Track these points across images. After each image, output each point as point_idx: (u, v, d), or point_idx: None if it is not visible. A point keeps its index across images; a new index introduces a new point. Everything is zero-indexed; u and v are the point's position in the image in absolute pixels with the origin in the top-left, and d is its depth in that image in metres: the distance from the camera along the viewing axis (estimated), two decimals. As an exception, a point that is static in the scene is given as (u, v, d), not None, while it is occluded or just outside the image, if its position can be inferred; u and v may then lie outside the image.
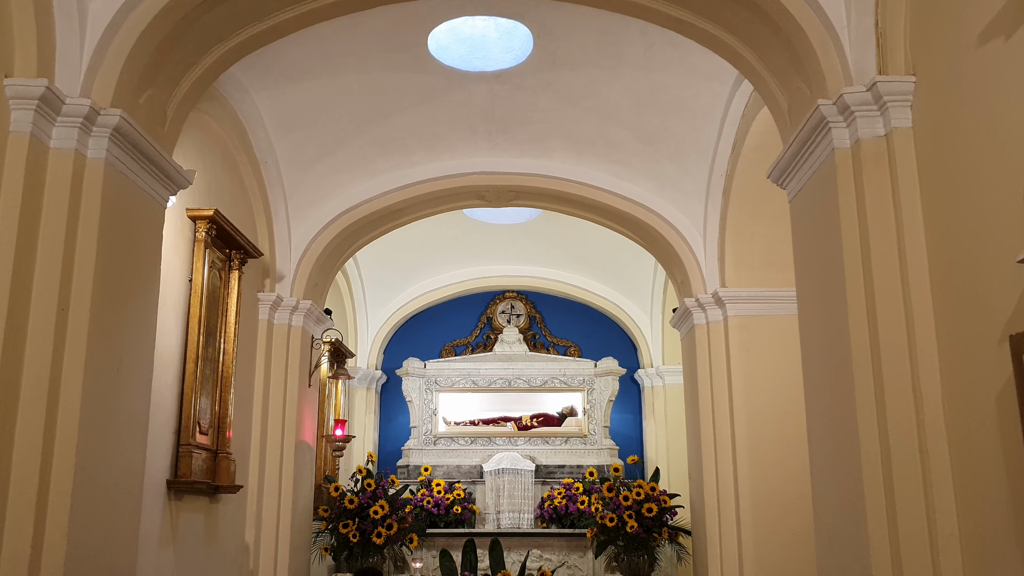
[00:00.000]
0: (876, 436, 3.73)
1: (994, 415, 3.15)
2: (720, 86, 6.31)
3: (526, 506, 10.48)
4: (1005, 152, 3.04)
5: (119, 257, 4.24)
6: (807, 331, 4.53)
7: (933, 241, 3.67)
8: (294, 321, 7.54)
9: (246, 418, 6.92)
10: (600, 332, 12.06)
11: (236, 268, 6.44)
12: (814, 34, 4.13)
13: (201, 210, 5.92)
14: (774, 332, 6.99)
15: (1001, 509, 3.13)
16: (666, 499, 8.23)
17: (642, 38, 5.86)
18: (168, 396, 5.54)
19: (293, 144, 7.01)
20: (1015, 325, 2.94)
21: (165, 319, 5.35)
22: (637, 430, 11.78)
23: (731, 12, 4.44)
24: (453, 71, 6.38)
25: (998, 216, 3.10)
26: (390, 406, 11.91)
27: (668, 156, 7.21)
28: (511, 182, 7.70)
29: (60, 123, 3.99)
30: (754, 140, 6.42)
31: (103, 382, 4.09)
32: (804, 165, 4.42)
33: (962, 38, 3.34)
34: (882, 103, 3.87)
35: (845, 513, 3.95)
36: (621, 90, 6.56)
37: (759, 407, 6.97)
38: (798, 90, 4.42)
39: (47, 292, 3.86)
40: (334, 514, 8.12)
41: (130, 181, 4.35)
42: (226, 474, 6.14)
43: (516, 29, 5.97)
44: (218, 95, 6.07)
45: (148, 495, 4.97)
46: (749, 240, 7.18)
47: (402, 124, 7.03)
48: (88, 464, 3.93)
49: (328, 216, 7.63)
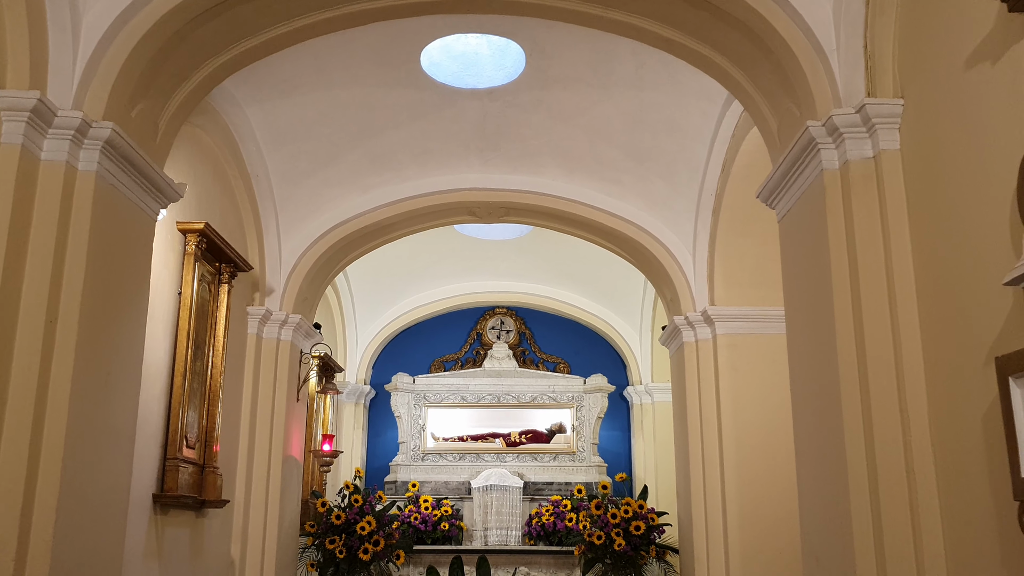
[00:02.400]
0: (863, 456, 3.74)
1: (980, 436, 3.16)
2: (710, 106, 6.36)
3: (514, 523, 10.45)
4: (992, 175, 3.07)
5: (108, 270, 4.23)
6: (795, 351, 4.55)
7: (920, 262, 3.69)
8: (283, 335, 7.52)
9: (233, 432, 6.88)
10: (590, 349, 12.07)
11: (226, 282, 6.43)
12: (804, 56, 4.17)
13: (191, 223, 5.91)
14: (763, 351, 7.01)
15: (987, 530, 3.14)
16: (654, 517, 8.22)
17: (633, 57, 5.91)
18: (155, 409, 5.51)
19: (285, 158, 7.02)
20: (1001, 347, 2.96)
21: (153, 332, 5.33)
22: (626, 447, 11.77)
23: (722, 33, 4.48)
24: (445, 88, 6.40)
25: (985, 238, 3.13)
26: (378, 421, 11.88)
27: (658, 174, 7.25)
28: (502, 198, 7.72)
29: (51, 135, 3.98)
30: (744, 160, 6.47)
31: (90, 395, 4.07)
32: (793, 185, 4.45)
33: (949, 62, 3.38)
34: (871, 125, 3.91)
35: (832, 533, 3.95)
36: (612, 108, 6.60)
37: (747, 426, 6.98)
38: (787, 111, 4.45)
39: (35, 304, 3.84)
40: (321, 530, 8.08)
41: (121, 194, 4.35)
42: (213, 488, 6.11)
43: (508, 47, 6.01)
44: (210, 108, 6.07)
45: (134, 509, 4.94)
46: (738, 259, 7.21)
47: (394, 139, 7.05)
48: (74, 477, 3.90)
49: (319, 230, 7.63)
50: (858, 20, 3.98)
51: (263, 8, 4.51)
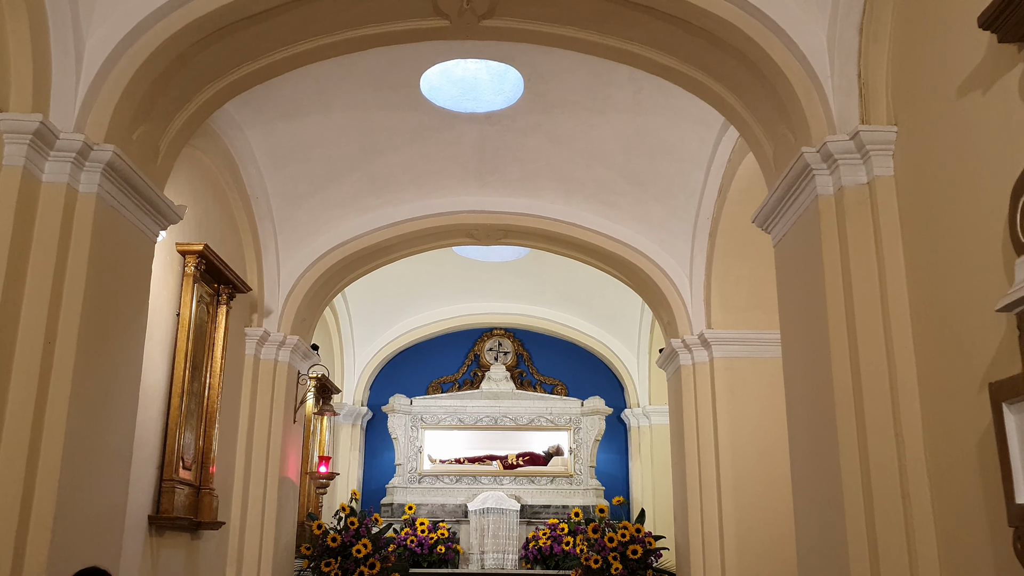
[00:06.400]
0: (859, 481, 3.75)
1: (975, 462, 3.17)
2: (707, 131, 6.41)
3: (510, 546, 10.40)
4: (984, 201, 3.10)
5: (107, 291, 4.25)
6: (791, 374, 4.56)
7: (915, 288, 3.72)
8: (280, 356, 7.52)
9: (230, 454, 6.87)
10: (587, 371, 12.07)
11: (224, 303, 6.44)
12: (798, 83, 4.21)
13: (191, 244, 5.93)
14: (759, 374, 7.02)
15: (982, 556, 3.15)
16: (651, 541, 8.18)
17: (630, 83, 5.96)
18: (152, 430, 5.51)
19: (284, 180, 7.05)
20: (995, 373, 2.98)
21: (151, 353, 5.34)
22: (623, 470, 11.74)
23: (718, 60, 4.53)
24: (445, 112, 6.45)
25: (978, 264, 3.15)
26: (375, 443, 11.85)
27: (656, 198, 7.29)
28: (500, 221, 7.76)
29: (53, 157, 4.02)
30: (740, 184, 6.51)
31: (88, 415, 4.07)
32: (788, 211, 4.48)
33: (942, 90, 3.42)
34: (865, 152, 3.94)
35: (828, 557, 3.95)
36: (610, 133, 6.65)
37: (744, 449, 6.98)
38: (783, 137, 4.49)
39: (34, 325, 3.86)
40: (316, 552, 8.04)
41: (121, 216, 4.37)
42: (208, 510, 6.09)
43: (507, 72, 6.07)
44: (211, 131, 6.12)
45: (129, 530, 4.93)
46: (735, 282, 7.24)
47: (393, 162, 7.10)
48: (70, 498, 3.90)
49: (317, 252, 7.66)
50: (852, 48, 4.03)
51: (264, 33, 4.55)
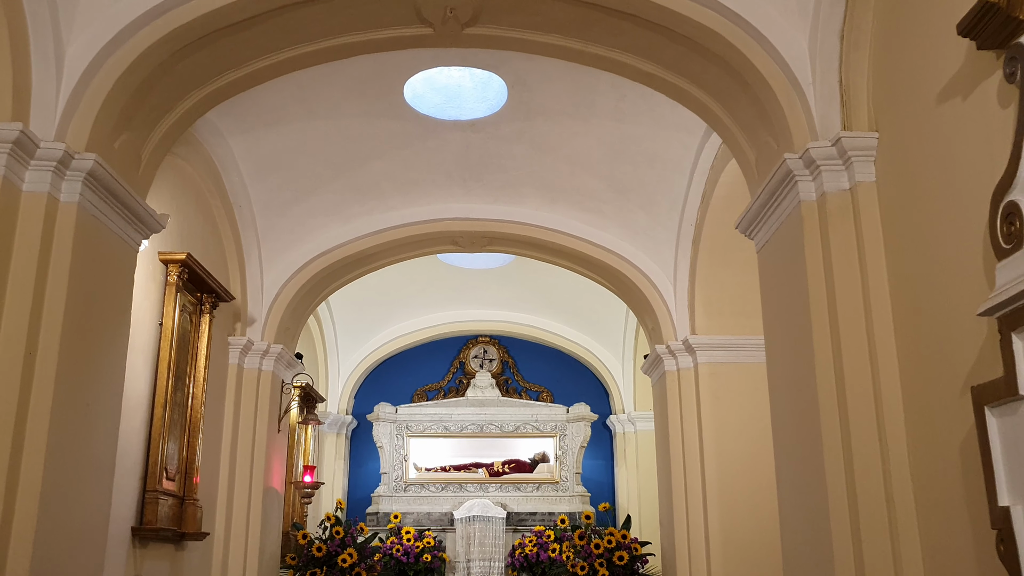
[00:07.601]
0: (844, 484, 3.77)
1: (958, 465, 3.20)
2: (690, 138, 6.44)
3: (497, 554, 10.37)
4: (964, 207, 3.12)
5: (89, 301, 4.21)
6: (775, 380, 4.58)
7: (897, 293, 3.75)
8: (264, 365, 7.48)
9: (214, 464, 6.83)
10: (572, 377, 12.08)
11: (207, 312, 6.41)
12: (781, 90, 4.24)
13: (173, 253, 5.90)
14: (744, 379, 7.04)
15: (966, 558, 3.17)
16: (637, 547, 8.19)
17: (613, 90, 5.98)
18: (135, 441, 5.46)
19: (268, 188, 7.03)
20: (977, 376, 3.00)
21: (134, 363, 5.30)
22: (609, 476, 11.75)
23: (700, 68, 4.56)
24: (428, 119, 6.45)
25: (959, 269, 3.18)
26: (360, 452, 11.80)
27: (639, 205, 7.31)
28: (485, 228, 7.76)
29: (34, 166, 3.98)
30: (723, 191, 6.54)
31: (69, 426, 4.03)
32: (771, 217, 4.50)
33: (922, 96, 3.45)
34: (846, 158, 3.97)
35: (813, 560, 3.97)
36: (593, 140, 6.66)
37: (729, 454, 7.00)
38: (765, 144, 4.52)
39: (15, 335, 3.82)
40: (301, 562, 8.00)
41: (102, 225, 4.34)
42: (192, 521, 6.04)
43: (491, 80, 6.07)
44: (193, 139, 6.09)
45: (112, 542, 4.88)
46: (719, 288, 7.27)
47: (377, 170, 7.08)
48: (52, 510, 3.86)
49: (301, 260, 7.63)
50: (833, 55, 4.06)
51: (247, 41, 4.53)
